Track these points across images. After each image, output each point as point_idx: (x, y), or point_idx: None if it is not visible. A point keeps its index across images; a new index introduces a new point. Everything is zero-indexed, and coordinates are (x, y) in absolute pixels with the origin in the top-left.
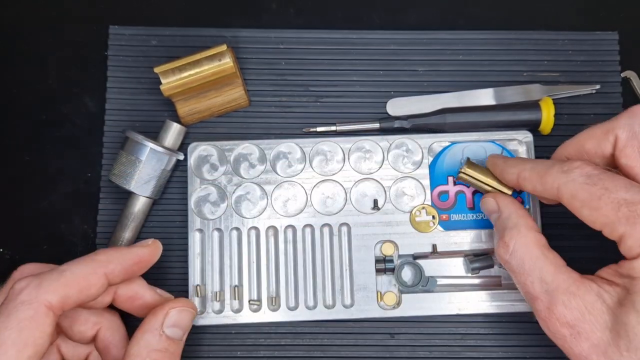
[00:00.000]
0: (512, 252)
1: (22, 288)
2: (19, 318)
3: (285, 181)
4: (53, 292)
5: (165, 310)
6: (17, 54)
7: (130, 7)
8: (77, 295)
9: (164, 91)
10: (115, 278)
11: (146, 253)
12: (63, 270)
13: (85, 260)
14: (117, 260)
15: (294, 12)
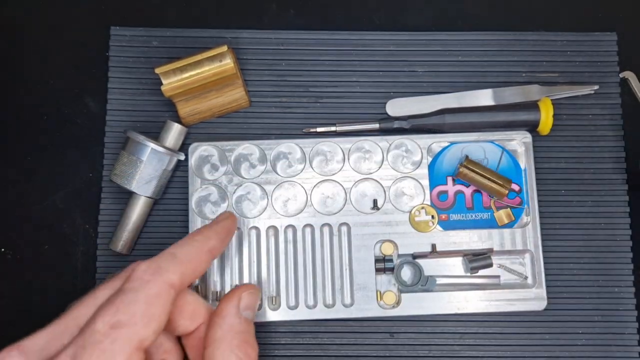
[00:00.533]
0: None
1: (144, 270)
2: (147, 294)
3: (286, 181)
4: (173, 272)
5: (238, 295)
6: (19, 55)
7: (132, 8)
8: (192, 272)
9: (165, 92)
10: (216, 252)
11: (230, 224)
12: (173, 253)
13: (188, 241)
14: (214, 236)
15: (294, 13)
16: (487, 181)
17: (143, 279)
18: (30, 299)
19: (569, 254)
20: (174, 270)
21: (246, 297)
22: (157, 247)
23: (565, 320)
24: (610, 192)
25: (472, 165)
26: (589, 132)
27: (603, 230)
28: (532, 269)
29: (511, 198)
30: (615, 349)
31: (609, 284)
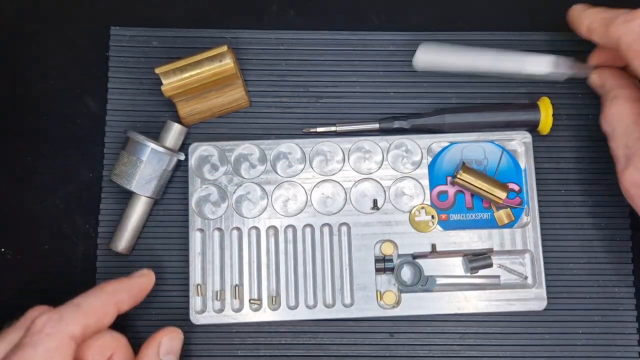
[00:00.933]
0: (608, 121)
1: (45, 322)
2: (46, 349)
3: (286, 181)
4: (74, 323)
5: (157, 340)
6: (19, 55)
7: (132, 8)
8: (95, 324)
9: (165, 92)
10: (123, 306)
11: (145, 282)
12: (78, 303)
13: (95, 292)
14: (124, 290)
15: (294, 14)
16: (481, 192)
17: (43, 331)
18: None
19: (569, 254)
20: (76, 321)
21: (166, 342)
22: (157, 247)
23: (565, 320)
24: (610, 192)
25: (467, 175)
26: (589, 132)
27: (603, 230)
28: (532, 269)
29: (511, 198)
30: (615, 349)
31: (609, 284)
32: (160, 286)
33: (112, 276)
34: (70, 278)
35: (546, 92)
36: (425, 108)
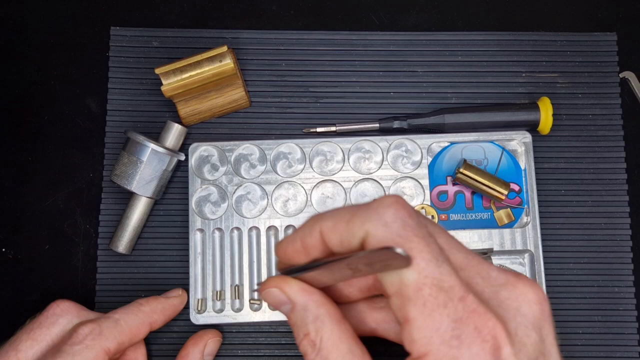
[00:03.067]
0: (320, 350)
1: (87, 334)
2: (84, 359)
3: (286, 181)
4: (112, 339)
5: (205, 341)
6: (19, 55)
7: (132, 9)
8: (129, 342)
9: (165, 92)
10: (156, 326)
11: (179, 303)
12: (117, 319)
13: (134, 310)
14: (160, 311)
15: (294, 14)
16: (483, 187)
17: (83, 343)
18: (30, 299)
19: (569, 254)
20: (113, 337)
21: (211, 344)
22: (157, 247)
23: (565, 320)
24: (610, 192)
25: (468, 171)
26: (589, 132)
27: (603, 230)
28: (532, 269)
29: (511, 198)
30: (615, 349)
31: (609, 284)
32: (160, 286)
33: (112, 276)
34: (70, 278)
35: (546, 92)
36: (425, 108)
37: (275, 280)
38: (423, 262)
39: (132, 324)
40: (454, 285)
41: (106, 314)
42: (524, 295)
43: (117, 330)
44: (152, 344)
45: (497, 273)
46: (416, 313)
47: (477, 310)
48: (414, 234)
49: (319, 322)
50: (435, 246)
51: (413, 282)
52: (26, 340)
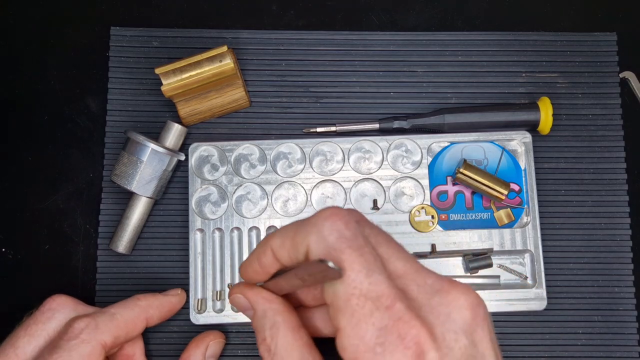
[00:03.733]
0: (274, 356)
1: (82, 328)
2: (80, 354)
3: (286, 181)
4: (108, 333)
5: (206, 342)
6: (19, 55)
7: (132, 9)
8: (125, 336)
9: (165, 92)
10: (152, 322)
11: (177, 301)
12: (113, 313)
13: (130, 305)
14: (156, 306)
15: (294, 14)
16: (483, 187)
17: (79, 337)
18: (30, 299)
19: (569, 254)
20: (109, 331)
21: (213, 346)
22: (157, 247)
23: (565, 320)
24: (610, 192)
25: (468, 171)
26: (589, 132)
27: (603, 230)
28: (532, 269)
29: (511, 198)
30: (615, 349)
31: (609, 284)
32: (161, 286)
33: (112, 276)
34: (70, 278)
35: (546, 92)
36: (425, 108)
37: (240, 287)
38: (353, 274)
39: (128, 318)
40: (381, 294)
41: (102, 309)
42: (456, 301)
43: (113, 324)
44: (152, 344)
45: (433, 280)
46: (345, 322)
47: (402, 318)
48: (348, 246)
49: (274, 329)
50: (369, 256)
51: (342, 293)
52: (23, 336)
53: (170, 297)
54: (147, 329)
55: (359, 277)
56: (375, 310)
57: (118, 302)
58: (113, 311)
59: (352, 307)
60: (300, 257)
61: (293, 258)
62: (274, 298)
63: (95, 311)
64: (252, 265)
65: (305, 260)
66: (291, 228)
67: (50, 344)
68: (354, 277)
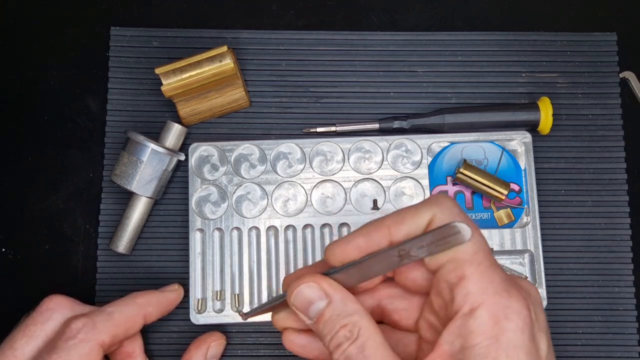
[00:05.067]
0: (357, 339)
1: (80, 328)
2: (79, 353)
3: (286, 181)
4: (105, 332)
5: (207, 344)
6: (19, 55)
7: (132, 9)
8: (123, 334)
9: (165, 92)
10: (150, 319)
11: (175, 297)
12: (111, 312)
13: (127, 303)
14: (154, 303)
15: (294, 14)
16: (483, 187)
17: (77, 337)
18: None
19: (569, 254)
20: (107, 330)
21: (214, 347)
22: (157, 247)
23: (565, 320)
24: (610, 192)
25: (468, 171)
26: (589, 132)
27: (603, 230)
28: (532, 269)
29: (511, 198)
30: (615, 349)
31: (609, 284)
32: (161, 286)
33: (112, 276)
34: (70, 278)
35: (546, 92)
36: (425, 108)
37: (311, 277)
38: (477, 234)
39: (126, 316)
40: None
41: (100, 307)
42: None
43: (111, 323)
44: (152, 344)
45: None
46: (472, 270)
47: (510, 277)
48: (467, 218)
49: (358, 316)
50: None
51: (471, 247)
52: (22, 337)
53: (167, 293)
54: (147, 329)
55: (482, 238)
56: (496, 265)
57: (115, 300)
58: (111, 310)
59: (479, 259)
60: (420, 229)
61: (411, 233)
62: (347, 290)
63: (92, 310)
64: (354, 241)
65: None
66: (409, 207)
67: (49, 344)
68: (479, 237)
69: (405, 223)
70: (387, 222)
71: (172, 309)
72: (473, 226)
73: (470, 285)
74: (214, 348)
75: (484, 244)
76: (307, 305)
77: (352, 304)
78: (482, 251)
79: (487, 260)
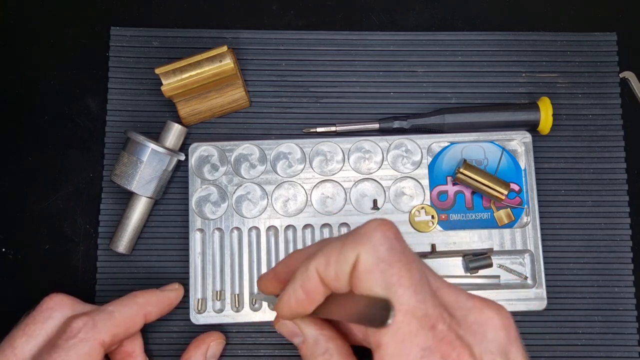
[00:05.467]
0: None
1: (80, 327)
2: (78, 353)
3: (286, 181)
4: (106, 331)
5: (207, 344)
6: (20, 55)
7: (132, 9)
8: (123, 333)
9: (165, 92)
10: (151, 318)
11: (175, 296)
12: (111, 311)
13: (128, 302)
14: (154, 303)
15: (294, 14)
16: (483, 187)
17: (78, 337)
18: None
19: (569, 254)
20: (108, 329)
21: (214, 346)
22: (157, 247)
23: (565, 320)
24: (610, 192)
25: (468, 171)
26: (589, 132)
27: (603, 230)
28: (532, 269)
29: (511, 198)
30: (615, 349)
31: (609, 284)
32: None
33: (112, 276)
34: (70, 278)
35: (546, 92)
36: (425, 108)
37: (287, 314)
38: (401, 290)
39: (127, 316)
40: (426, 314)
41: (100, 307)
42: (490, 320)
43: (111, 322)
44: (152, 344)
45: (465, 298)
46: (388, 339)
47: (445, 338)
48: (398, 259)
49: (328, 355)
50: (417, 272)
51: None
52: (22, 336)
53: (168, 292)
54: (147, 329)
55: (407, 294)
56: (421, 329)
57: (116, 299)
58: (111, 309)
59: (397, 325)
60: (347, 271)
61: (339, 274)
62: (324, 324)
63: (93, 309)
64: (295, 295)
65: (350, 276)
66: (335, 242)
67: (49, 343)
68: (402, 294)
69: (331, 265)
70: (317, 264)
71: (172, 308)
72: (401, 274)
73: (385, 358)
74: (213, 348)
75: (409, 300)
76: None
77: (325, 343)
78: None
79: (407, 324)
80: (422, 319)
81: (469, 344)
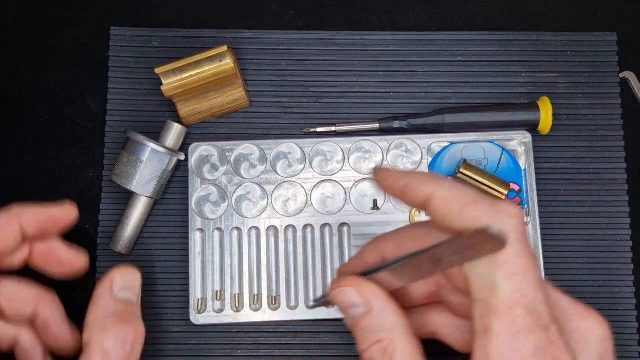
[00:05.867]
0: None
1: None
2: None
3: (286, 181)
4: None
5: (110, 277)
6: (19, 55)
7: (132, 9)
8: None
9: (165, 92)
10: (29, 230)
11: (60, 212)
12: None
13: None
14: (31, 213)
15: (294, 14)
16: (483, 187)
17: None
18: None
19: (569, 254)
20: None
21: (118, 278)
22: (157, 247)
23: None
24: (610, 192)
25: (468, 171)
26: (589, 132)
27: (603, 230)
28: None
29: (511, 198)
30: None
31: (609, 284)
32: (161, 286)
33: None
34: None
35: (546, 92)
36: (425, 108)
37: (352, 280)
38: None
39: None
40: (543, 313)
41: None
42: (593, 330)
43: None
44: (151, 344)
45: (567, 302)
46: (500, 328)
47: (556, 342)
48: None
49: (395, 333)
50: (537, 270)
51: (507, 297)
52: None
53: (51, 207)
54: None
55: (530, 288)
56: (536, 327)
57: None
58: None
59: (514, 316)
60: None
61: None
62: (391, 298)
63: None
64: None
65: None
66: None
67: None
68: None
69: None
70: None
71: (58, 226)
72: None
73: (493, 347)
74: (118, 279)
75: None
76: (347, 307)
77: (392, 318)
78: (523, 306)
79: (524, 318)
80: (539, 317)
81: (574, 352)
